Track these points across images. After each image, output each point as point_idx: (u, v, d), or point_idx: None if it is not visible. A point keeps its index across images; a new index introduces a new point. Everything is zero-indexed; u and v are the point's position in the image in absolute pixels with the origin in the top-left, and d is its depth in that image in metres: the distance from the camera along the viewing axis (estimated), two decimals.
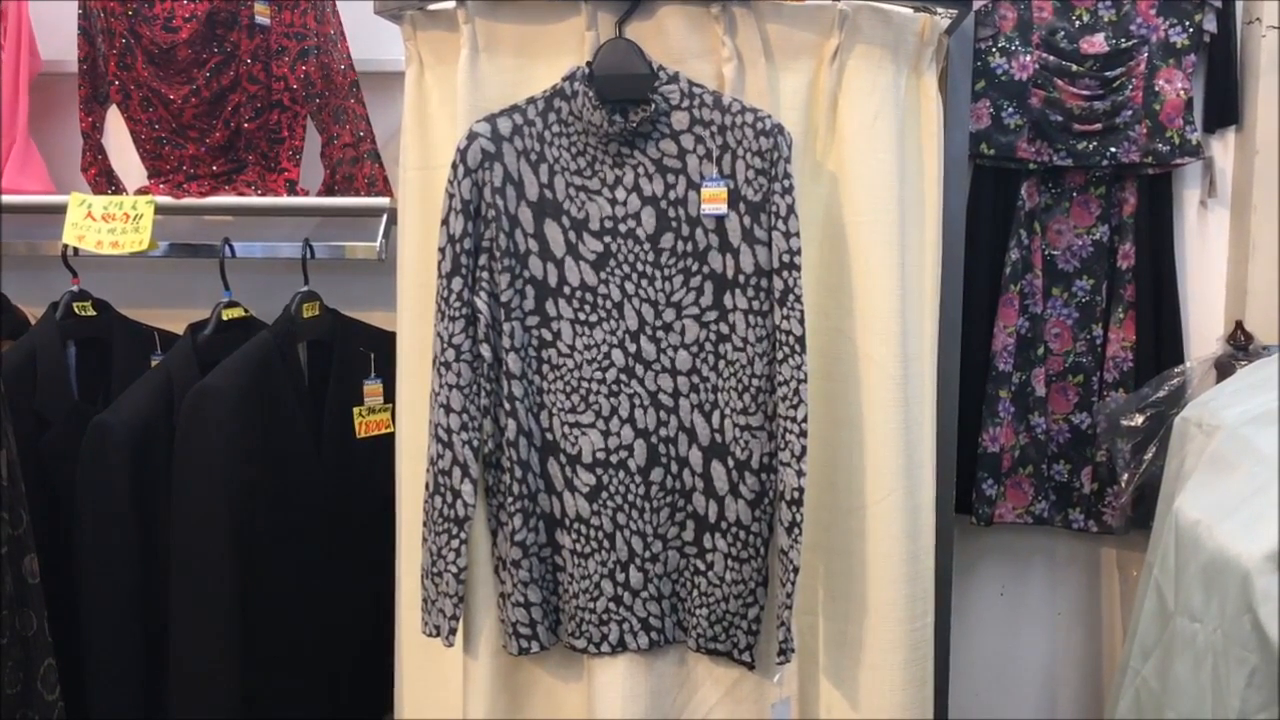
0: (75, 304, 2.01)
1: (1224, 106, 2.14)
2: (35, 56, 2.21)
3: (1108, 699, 2.09)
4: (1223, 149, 2.17)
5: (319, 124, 2.15)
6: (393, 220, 1.94)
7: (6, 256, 2.14)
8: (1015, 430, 2.17)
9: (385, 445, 1.88)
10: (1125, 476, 2.05)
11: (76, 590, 1.82)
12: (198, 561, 1.80)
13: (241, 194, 2.07)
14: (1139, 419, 2.05)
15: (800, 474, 1.52)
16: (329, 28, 2.13)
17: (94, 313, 2.04)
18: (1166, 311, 2.15)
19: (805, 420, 1.52)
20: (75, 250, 2.00)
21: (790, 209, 1.52)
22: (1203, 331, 2.18)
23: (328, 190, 2.17)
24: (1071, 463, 2.18)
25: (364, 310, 2.11)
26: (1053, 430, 2.19)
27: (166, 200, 2.04)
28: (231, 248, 2.02)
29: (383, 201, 2.02)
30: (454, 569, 1.57)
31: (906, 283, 1.65)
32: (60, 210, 2.02)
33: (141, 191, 2.10)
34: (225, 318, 1.97)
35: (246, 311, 2.02)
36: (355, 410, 2.00)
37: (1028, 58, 2.11)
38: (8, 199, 2.08)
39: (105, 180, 2.17)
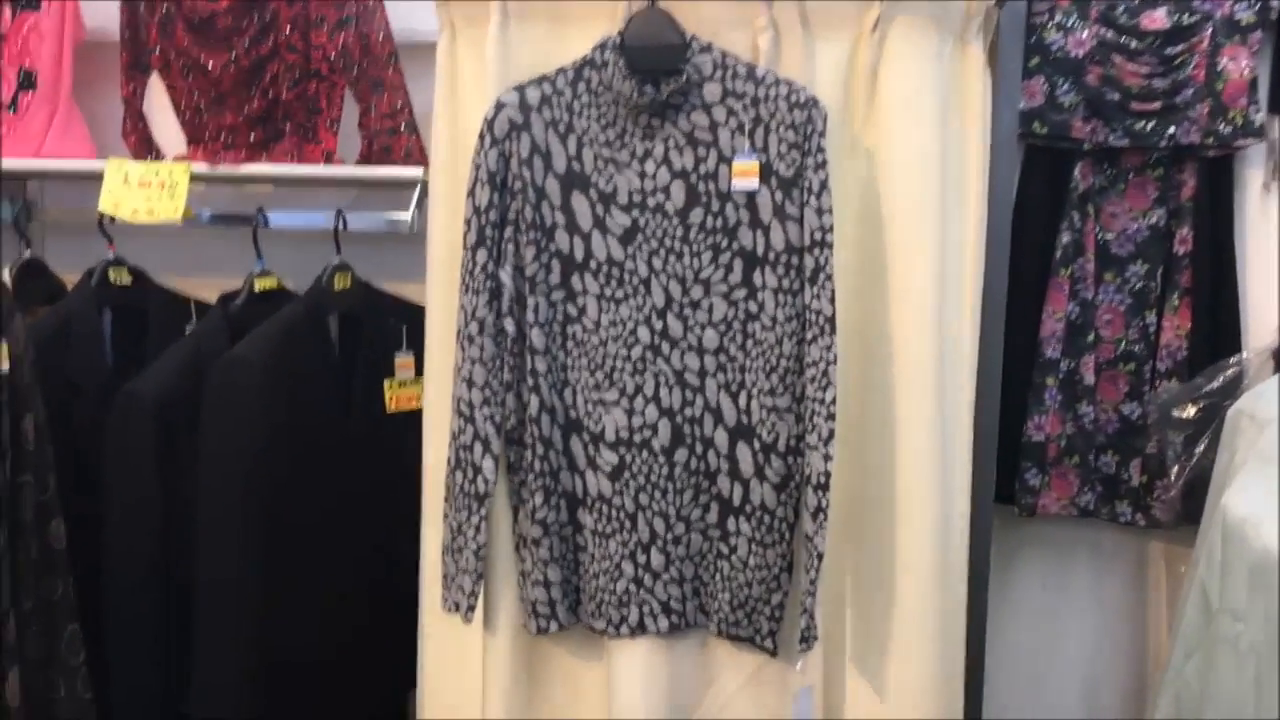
0: (111, 271, 2.01)
1: None
2: (79, 24, 2.22)
3: (1150, 699, 2.02)
4: None
5: (357, 94, 2.13)
6: (425, 192, 1.91)
7: (44, 222, 2.15)
8: (1062, 419, 2.10)
9: (417, 419, 1.85)
10: (1175, 469, 1.97)
11: (103, 557, 1.83)
12: (223, 530, 1.79)
13: (277, 163, 2.06)
14: (1191, 410, 1.97)
15: (827, 458, 1.48)
16: None
17: (130, 280, 2.04)
18: (1224, 299, 2.06)
19: (834, 403, 1.48)
20: (113, 218, 2.00)
21: (824, 185, 1.47)
22: (1262, 321, 2.08)
23: (365, 161, 2.15)
24: (1120, 454, 2.10)
25: (398, 283, 2.09)
26: (1101, 420, 2.11)
27: (201, 168, 2.03)
28: (265, 218, 2.01)
29: (415, 172, 2.00)
30: (474, 545, 1.55)
31: (945, 265, 1.60)
32: (100, 177, 2.02)
33: (179, 159, 2.10)
34: (258, 288, 1.96)
35: (279, 282, 2.01)
36: (386, 383, 1.99)
37: (1085, 33, 2.03)
38: (47, 164, 2.09)
39: (145, 147, 2.17)
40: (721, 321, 1.54)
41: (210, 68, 2.08)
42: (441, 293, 1.71)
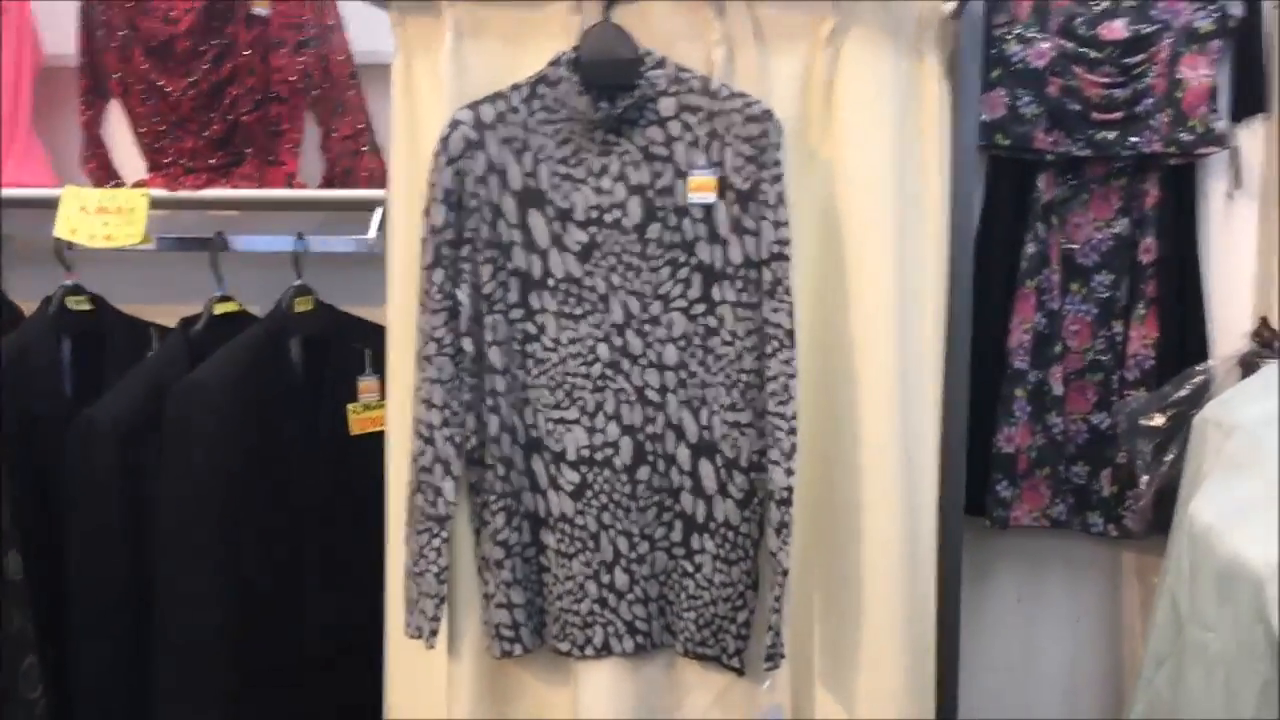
0: (69, 298, 1.99)
1: (1251, 94, 2.04)
2: (38, 51, 2.21)
3: (1126, 708, 2.01)
4: (1250, 138, 2.06)
5: (318, 116, 2.13)
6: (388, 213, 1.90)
7: (4, 251, 2.13)
8: (1032, 430, 2.09)
9: (382, 442, 1.84)
10: (1145, 479, 1.96)
11: (65, 586, 1.80)
12: (186, 556, 1.78)
13: (236, 187, 2.05)
14: (1160, 419, 1.96)
15: (789, 473, 1.46)
16: (328, 19, 2.11)
17: (89, 307, 2.02)
18: (1190, 308, 2.06)
19: (795, 417, 1.46)
20: (70, 245, 1.98)
21: (780, 198, 1.47)
22: (1229, 329, 2.07)
23: (328, 184, 2.15)
24: (1090, 464, 2.09)
25: (362, 305, 2.08)
26: (1071, 430, 2.10)
27: (161, 193, 2.02)
28: (224, 242, 1.99)
29: (376, 193, 1.99)
30: (435, 569, 1.53)
31: (905, 276, 1.59)
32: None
33: (139, 185, 2.08)
34: (218, 312, 1.95)
35: (240, 306, 1.99)
36: (350, 407, 1.97)
37: (1045, 44, 2.03)
38: (7, 193, 2.07)
39: (105, 174, 2.16)
40: (681, 337, 1.53)
41: (169, 92, 2.08)
42: (402, 314, 1.69)
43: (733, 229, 1.49)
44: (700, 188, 1.50)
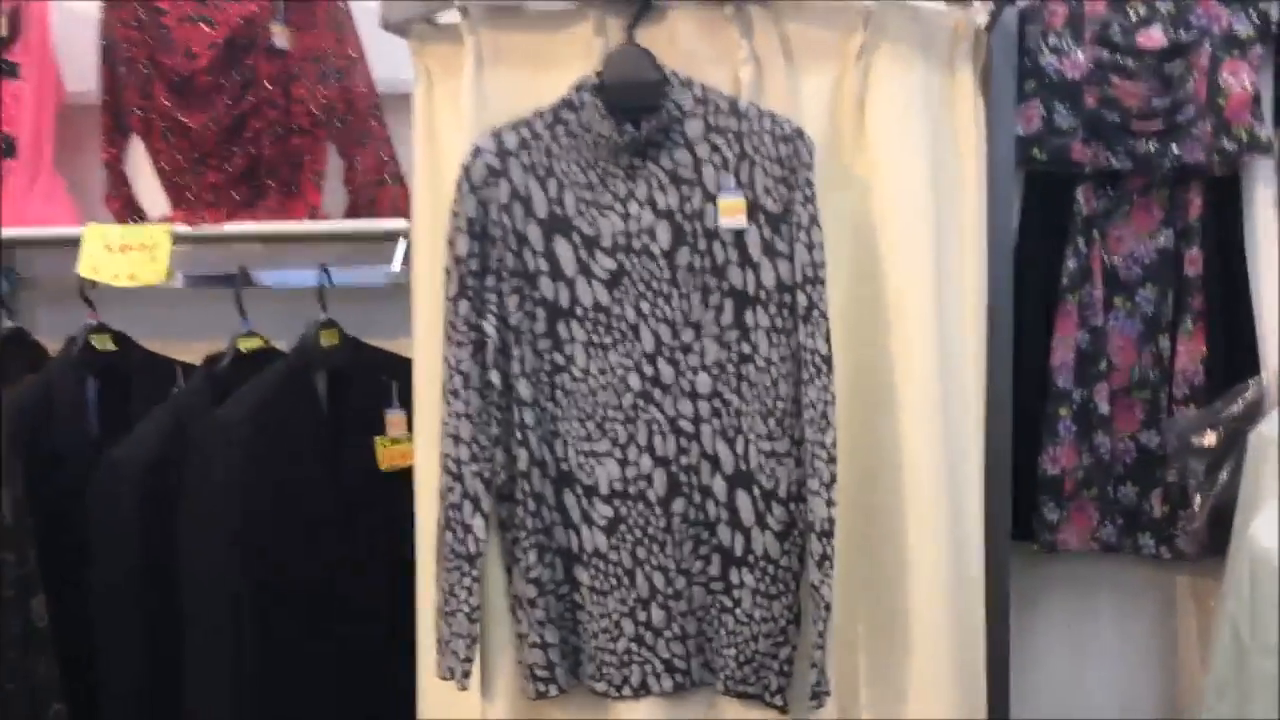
0: (94, 337, 1.98)
1: None
2: (60, 88, 2.20)
3: None
4: None
5: (341, 148, 2.11)
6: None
7: (30, 290, 2.12)
8: (1078, 451, 2.02)
9: (411, 478, 1.80)
10: (1198, 498, 1.89)
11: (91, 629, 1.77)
12: (211, 597, 1.74)
13: (259, 221, 2.02)
14: (1212, 436, 1.89)
15: (830, 503, 1.42)
16: (349, 49, 2.09)
17: (114, 346, 2.00)
18: (1239, 321, 1.99)
19: (834, 445, 1.42)
20: (93, 284, 1.96)
21: (813, 219, 1.42)
22: (1278, 342, 2.01)
23: (352, 215, 2.13)
24: (1140, 484, 2.02)
25: (388, 338, 2.05)
26: (1118, 450, 2.03)
27: (183, 229, 2.00)
28: (248, 277, 1.97)
29: (399, 224, 1.96)
30: (466, 608, 1.49)
31: (944, 295, 1.54)
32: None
33: (163, 221, 2.07)
34: (243, 349, 1.92)
35: (265, 342, 1.96)
36: (377, 441, 1.93)
37: (1080, 55, 1.98)
38: (30, 232, 2.06)
39: (128, 211, 2.15)
40: (714, 365, 1.48)
41: (192, 127, 2.06)
42: (428, 346, 1.66)
43: (765, 252, 1.45)
44: (730, 211, 1.46)
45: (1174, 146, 1.96)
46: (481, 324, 1.48)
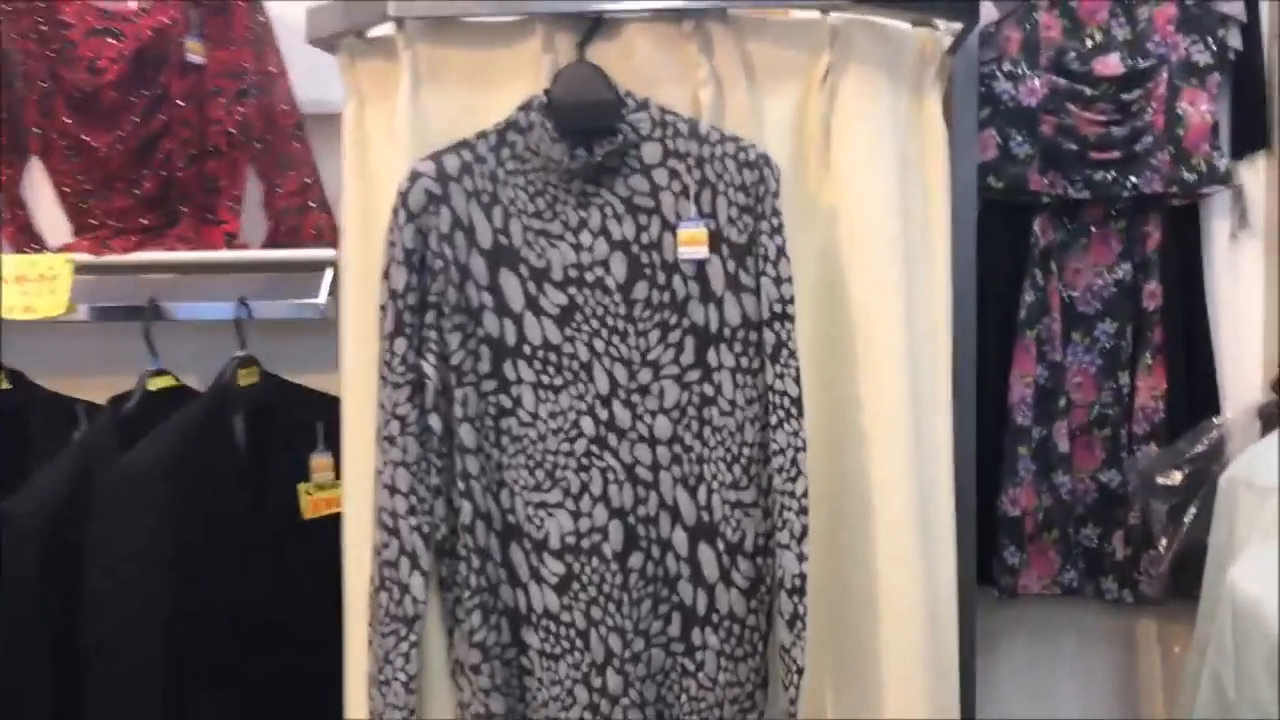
0: None
1: (1252, 129, 1.96)
2: None
3: None
4: (1253, 176, 1.98)
5: (260, 171, 1.97)
6: (339, 274, 1.74)
7: None
8: (1038, 490, 1.97)
9: (339, 526, 1.66)
10: (1164, 541, 1.84)
11: None
12: (119, 661, 1.58)
13: (171, 249, 1.87)
14: (1177, 476, 1.84)
15: (801, 558, 1.31)
16: (269, 64, 1.95)
17: (7, 385, 1.84)
18: (1199, 356, 1.95)
19: (805, 495, 1.31)
20: None
21: (780, 251, 1.33)
22: (1239, 377, 1.98)
23: (272, 244, 1.98)
24: (1101, 525, 1.97)
25: (313, 375, 1.91)
26: (1079, 490, 1.98)
27: (86, 258, 1.84)
28: (158, 310, 1.82)
29: (326, 253, 1.83)
30: (403, 676, 1.36)
31: (915, 330, 1.45)
32: None
33: (64, 250, 1.90)
34: (152, 388, 1.76)
35: (176, 381, 1.81)
36: (302, 487, 1.79)
37: (1036, 81, 1.93)
38: None
39: (25, 238, 1.98)
40: (674, 408, 1.37)
41: (96, 148, 1.91)
42: (357, 385, 1.52)
43: (729, 286, 1.35)
44: (691, 241, 1.36)
45: (1132, 176, 1.92)
46: (420, 364, 1.36)
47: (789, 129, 1.43)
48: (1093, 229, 1.98)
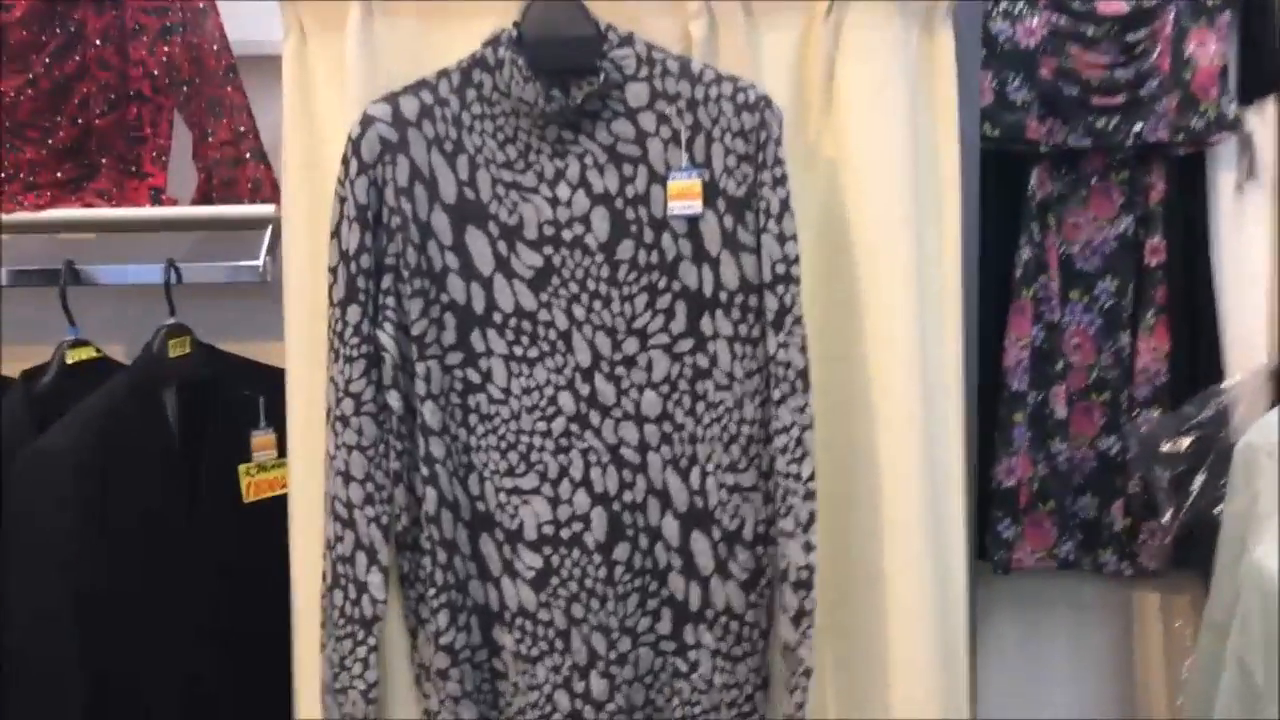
0: None
1: (1262, 73, 1.83)
2: None
3: None
4: (1261, 124, 1.86)
5: (189, 118, 1.77)
6: (279, 233, 1.57)
7: None
8: (1033, 460, 1.85)
9: (285, 509, 1.50)
10: (1169, 513, 1.73)
11: None
12: (37, 668, 1.42)
13: (89, 204, 1.68)
14: (1182, 443, 1.73)
15: (808, 548, 1.19)
16: (196, 1, 1.75)
17: None
18: (1204, 315, 1.84)
19: (812, 479, 1.19)
20: None
21: (784, 205, 1.19)
22: (1246, 338, 1.87)
23: (204, 199, 1.79)
24: (1100, 495, 1.86)
25: (252, 344, 1.74)
26: (1076, 458, 1.87)
27: None
28: (75, 273, 1.63)
29: (265, 210, 1.65)
30: (362, 685, 1.22)
31: (925, 293, 1.32)
32: None
33: None
34: (70, 360, 1.58)
35: (99, 352, 1.63)
36: (242, 469, 1.62)
37: (1035, 21, 1.79)
38: None
39: None
40: (664, 381, 1.24)
41: (3, 92, 1.70)
42: (303, 355, 1.36)
43: (725, 245, 1.21)
44: (682, 194, 1.22)
45: (1137, 123, 1.79)
46: (377, 334, 1.21)
47: (788, 68, 1.32)
48: (1093, 180, 1.86)
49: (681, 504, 1.25)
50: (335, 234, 1.21)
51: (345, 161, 1.21)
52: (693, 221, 1.22)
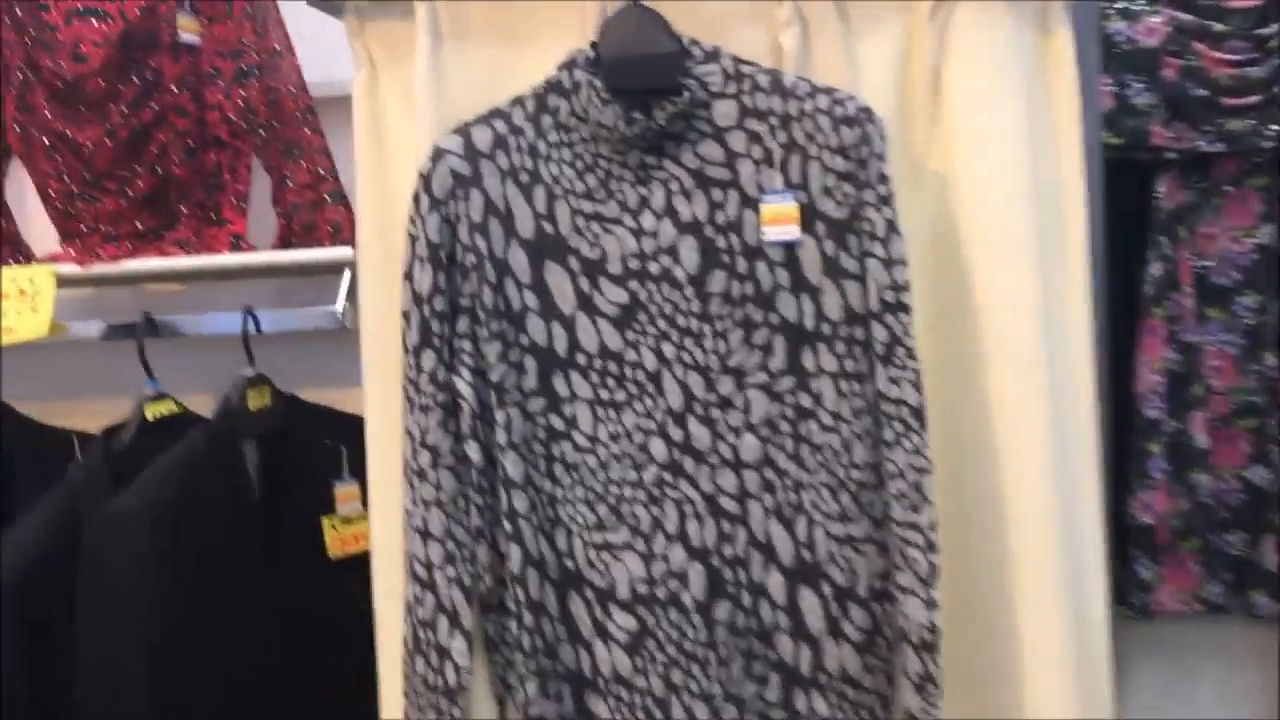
0: None
1: None
2: None
3: None
4: None
5: (267, 162, 1.75)
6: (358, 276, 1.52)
7: None
8: (1172, 493, 1.70)
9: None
10: None
11: None
12: None
13: (167, 254, 1.64)
14: None
15: (930, 605, 1.08)
16: (272, 42, 1.73)
17: None
18: None
19: (934, 528, 1.08)
20: None
21: (891, 226, 1.09)
22: None
23: (285, 244, 1.76)
24: (1249, 531, 1.70)
25: (335, 391, 1.68)
26: (1221, 491, 1.71)
27: (72, 270, 1.62)
28: (152, 326, 1.59)
29: (344, 253, 1.60)
30: None
31: (1050, 317, 1.20)
32: None
33: (48, 260, 1.69)
34: (151, 416, 1.54)
35: (179, 407, 1.58)
36: (326, 522, 1.56)
37: (1157, 19, 1.66)
38: None
39: (10, 249, 1.76)
40: (763, 423, 1.14)
41: (82, 143, 1.68)
42: (382, 406, 1.30)
43: (826, 272, 1.11)
44: (778, 219, 1.12)
45: (1273, 124, 1.64)
46: (453, 381, 1.14)
47: (890, 79, 1.22)
48: (1227, 188, 1.71)
49: (787, 557, 1.14)
50: (408, 276, 1.15)
51: (416, 198, 1.15)
52: (790, 248, 1.12)
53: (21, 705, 1.39)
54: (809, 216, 1.11)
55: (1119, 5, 1.67)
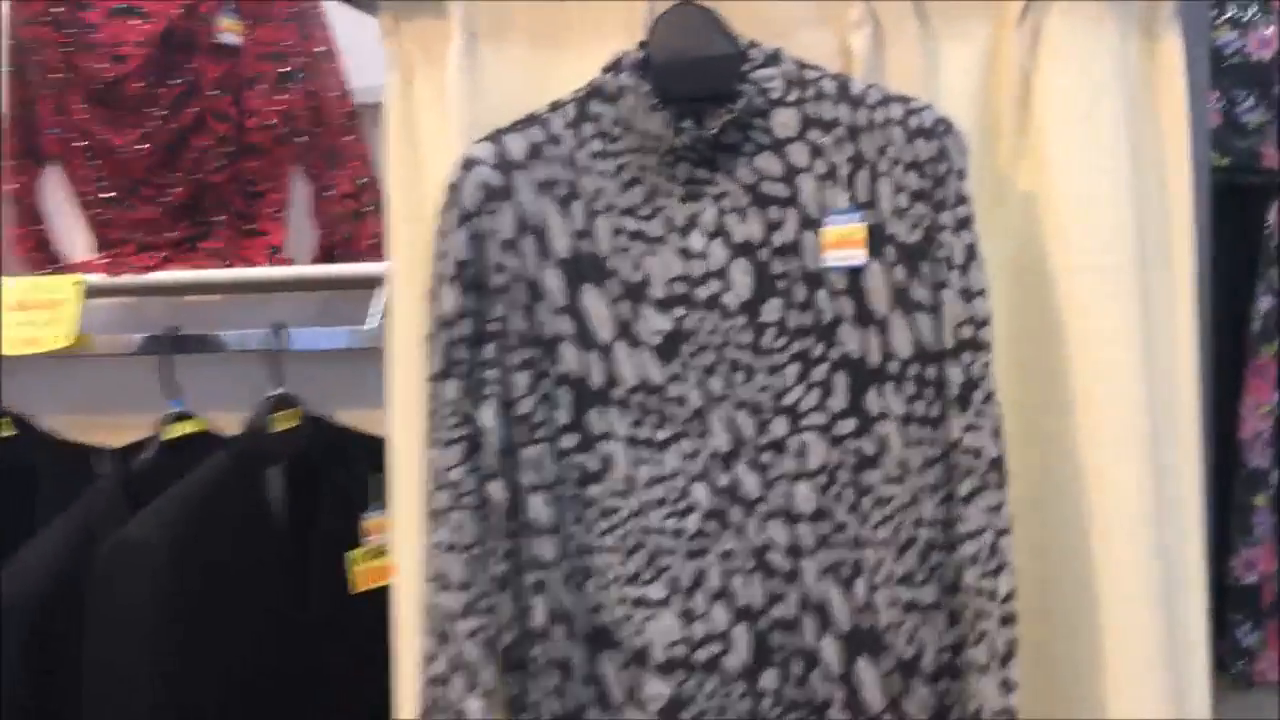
0: None
1: None
2: None
3: None
4: None
5: (307, 170, 1.69)
6: None
7: None
8: (1278, 552, 1.56)
9: None
10: None
11: None
12: None
13: (199, 265, 1.58)
14: None
15: (1006, 686, 0.95)
16: (315, 45, 1.68)
17: (12, 431, 1.57)
18: None
19: (1011, 598, 0.96)
20: None
21: (970, 252, 0.97)
22: None
23: (325, 256, 1.69)
24: None
25: (371, 412, 1.59)
26: None
27: (99, 280, 1.56)
28: (176, 340, 1.53)
29: (378, 267, 1.51)
30: None
31: (1154, 356, 1.07)
32: None
33: (77, 268, 1.63)
34: (171, 436, 1.46)
35: (203, 425, 1.51)
36: (351, 556, 1.47)
37: (1269, 30, 1.54)
38: None
39: (44, 256, 1.72)
40: (820, 470, 1.02)
41: (118, 148, 1.63)
42: (408, 432, 1.21)
43: (896, 303, 1.00)
44: (842, 241, 1.01)
45: None
46: (477, 414, 1.03)
47: (973, 87, 1.10)
48: None
49: (844, 623, 1.02)
50: (432, 297, 1.05)
51: (443, 212, 1.05)
52: (855, 275, 1.01)
53: None
54: (877, 240, 1.00)
55: (1230, 14, 1.55)
